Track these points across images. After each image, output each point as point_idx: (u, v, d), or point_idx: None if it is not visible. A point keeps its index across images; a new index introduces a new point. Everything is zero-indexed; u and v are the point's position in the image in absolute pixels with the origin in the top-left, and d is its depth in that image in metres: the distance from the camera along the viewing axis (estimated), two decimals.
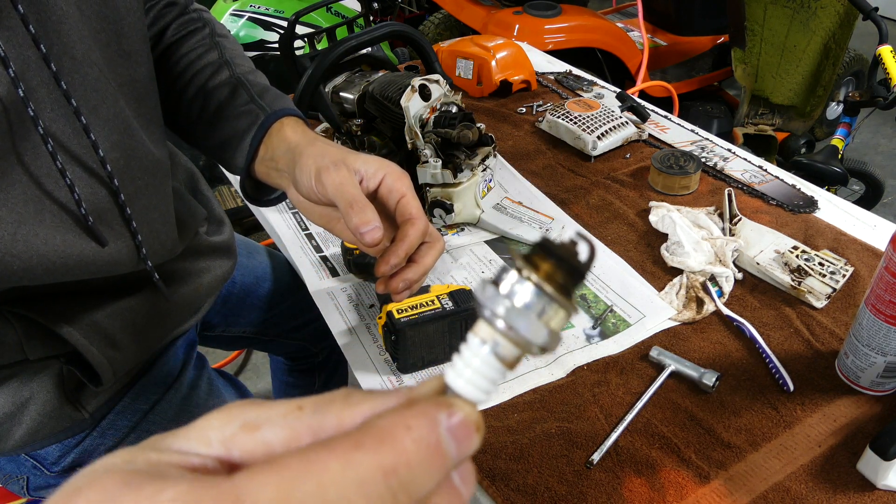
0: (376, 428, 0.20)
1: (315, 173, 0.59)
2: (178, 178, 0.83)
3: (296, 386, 1.28)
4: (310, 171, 0.59)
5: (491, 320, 0.24)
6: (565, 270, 0.23)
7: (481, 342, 0.24)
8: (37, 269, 0.52)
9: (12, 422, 0.66)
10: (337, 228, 0.65)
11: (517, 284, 0.23)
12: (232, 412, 0.22)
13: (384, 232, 0.57)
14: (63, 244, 0.53)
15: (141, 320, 0.70)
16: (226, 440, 0.22)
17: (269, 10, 2.39)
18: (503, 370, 0.24)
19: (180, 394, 0.78)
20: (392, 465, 0.20)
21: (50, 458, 0.71)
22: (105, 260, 0.57)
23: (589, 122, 1.17)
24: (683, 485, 0.64)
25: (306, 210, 0.65)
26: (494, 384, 0.24)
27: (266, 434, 0.22)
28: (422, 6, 3.61)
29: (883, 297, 0.65)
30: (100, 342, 0.65)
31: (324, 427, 0.22)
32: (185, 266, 0.77)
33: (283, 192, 0.70)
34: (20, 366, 0.65)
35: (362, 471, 0.19)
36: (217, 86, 0.72)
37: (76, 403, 0.69)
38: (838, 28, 1.99)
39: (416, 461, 0.20)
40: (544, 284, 0.23)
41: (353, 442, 0.20)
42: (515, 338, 0.23)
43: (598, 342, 0.80)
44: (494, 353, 0.24)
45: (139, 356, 0.72)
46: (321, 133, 1.07)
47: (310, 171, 0.59)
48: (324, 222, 0.65)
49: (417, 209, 0.60)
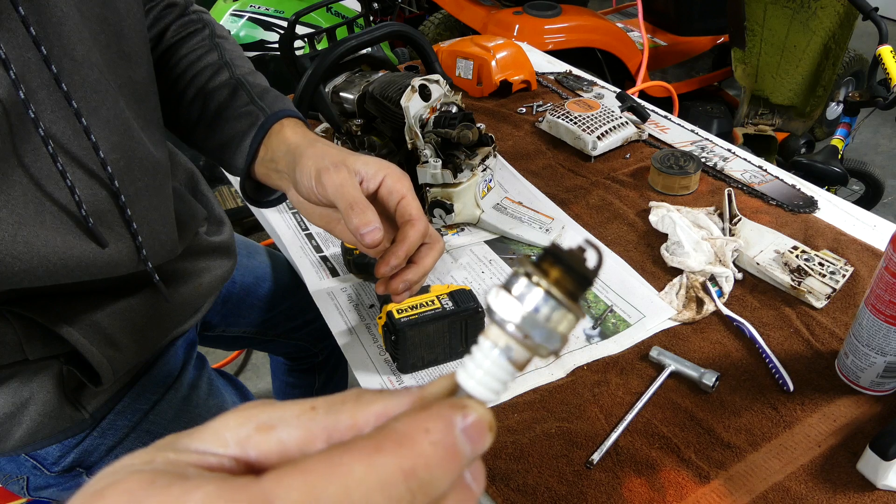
0: (395, 431, 0.21)
1: (315, 174, 0.59)
2: (178, 178, 0.83)
3: (296, 386, 1.28)
4: (310, 172, 0.60)
5: (502, 325, 0.24)
6: (574, 277, 0.24)
7: (492, 345, 0.25)
8: (37, 270, 0.52)
9: (12, 422, 0.66)
10: (337, 230, 0.65)
11: (527, 290, 0.24)
12: (247, 413, 0.23)
13: (384, 233, 0.57)
14: (63, 245, 0.53)
15: (141, 320, 0.70)
16: (241, 440, 0.22)
17: (269, 10, 2.39)
18: (514, 372, 0.25)
19: (180, 394, 0.79)
20: (412, 467, 0.20)
21: (50, 459, 0.71)
22: (105, 261, 0.57)
23: (589, 123, 1.17)
24: (683, 485, 0.64)
25: (306, 211, 0.65)
26: (505, 385, 0.25)
27: (281, 434, 0.22)
28: (422, 6, 3.61)
29: (883, 296, 0.65)
30: (100, 342, 0.65)
31: (338, 427, 0.22)
32: (185, 266, 0.77)
33: (283, 194, 0.70)
34: (20, 366, 0.65)
35: (384, 473, 0.20)
36: (217, 87, 0.72)
37: (76, 404, 0.69)
38: (838, 28, 1.99)
39: (434, 463, 0.21)
40: (553, 290, 0.24)
41: (374, 445, 0.20)
42: (528, 343, 0.24)
43: (598, 342, 0.80)
44: (507, 357, 0.25)
45: (139, 356, 0.72)
46: (321, 133, 1.07)
47: (310, 173, 0.59)
48: (324, 223, 0.65)
49: (417, 210, 0.60)
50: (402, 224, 0.60)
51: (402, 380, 0.76)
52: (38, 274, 0.52)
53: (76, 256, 0.54)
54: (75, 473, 0.73)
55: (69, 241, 0.54)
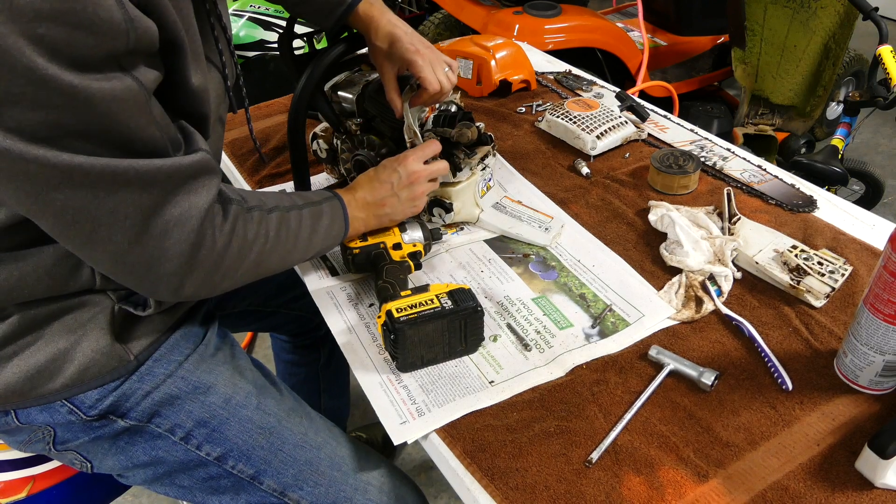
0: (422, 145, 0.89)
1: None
2: None
3: (300, 364, 1.30)
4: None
5: None
6: None
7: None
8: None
9: (65, 357, 0.70)
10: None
11: None
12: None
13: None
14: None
15: None
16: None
17: (269, 10, 2.40)
18: None
19: (209, 350, 0.82)
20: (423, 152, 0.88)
21: (88, 402, 0.73)
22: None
23: (588, 122, 1.17)
24: (682, 483, 0.64)
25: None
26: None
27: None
28: (422, 6, 3.61)
29: (881, 296, 0.65)
30: None
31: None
32: None
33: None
34: (85, 295, 0.70)
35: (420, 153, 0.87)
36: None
37: (124, 345, 0.73)
38: (838, 28, 1.98)
39: (430, 150, 0.88)
40: None
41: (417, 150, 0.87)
42: None
43: (597, 341, 0.80)
44: None
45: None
46: (321, 133, 1.08)
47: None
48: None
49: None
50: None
51: (402, 379, 0.76)
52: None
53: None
54: (107, 421, 0.75)
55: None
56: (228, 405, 0.78)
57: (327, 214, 0.80)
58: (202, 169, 0.64)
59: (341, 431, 0.87)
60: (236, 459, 0.78)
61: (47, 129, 0.52)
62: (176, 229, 0.61)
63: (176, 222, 0.61)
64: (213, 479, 0.79)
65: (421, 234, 0.90)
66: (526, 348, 0.79)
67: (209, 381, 0.78)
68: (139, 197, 0.58)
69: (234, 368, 0.83)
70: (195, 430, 0.77)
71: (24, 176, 0.53)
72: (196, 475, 0.79)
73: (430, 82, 0.87)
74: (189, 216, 0.62)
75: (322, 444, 0.82)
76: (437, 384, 0.75)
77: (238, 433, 0.78)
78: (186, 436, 0.77)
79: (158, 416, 0.76)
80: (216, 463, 0.78)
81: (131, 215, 0.59)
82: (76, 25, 0.50)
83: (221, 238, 0.66)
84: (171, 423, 0.76)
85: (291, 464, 0.79)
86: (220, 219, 0.66)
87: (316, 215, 0.78)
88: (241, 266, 0.70)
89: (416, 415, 0.72)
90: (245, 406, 0.79)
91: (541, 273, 0.91)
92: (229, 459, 0.78)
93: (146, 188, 0.59)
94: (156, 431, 0.76)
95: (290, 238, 0.75)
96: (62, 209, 0.56)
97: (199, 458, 0.77)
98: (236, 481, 0.79)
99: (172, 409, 0.76)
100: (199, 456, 0.77)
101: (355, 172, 0.97)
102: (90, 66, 0.52)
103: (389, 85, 0.90)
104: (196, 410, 0.77)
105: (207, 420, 0.77)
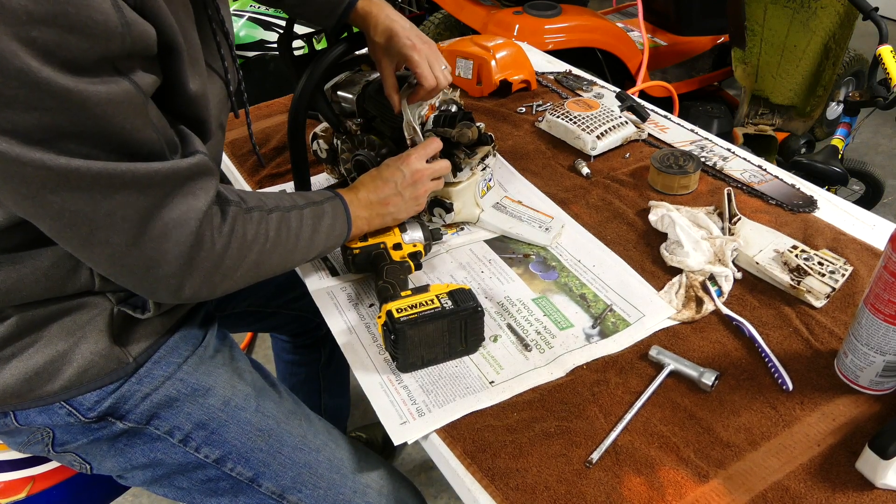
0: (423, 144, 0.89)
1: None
2: None
3: (300, 364, 1.30)
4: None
5: None
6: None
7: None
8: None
9: (63, 360, 0.70)
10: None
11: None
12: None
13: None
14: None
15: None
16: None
17: (269, 10, 2.40)
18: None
19: (208, 353, 0.82)
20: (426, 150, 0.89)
21: (87, 404, 0.73)
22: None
23: (588, 122, 1.17)
24: (682, 484, 0.64)
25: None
26: None
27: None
28: (422, 6, 3.61)
29: (882, 296, 0.65)
30: None
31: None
32: None
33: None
34: (83, 297, 0.70)
35: (422, 151, 0.88)
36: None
37: (123, 347, 0.73)
38: (838, 28, 1.98)
39: (432, 149, 0.89)
40: None
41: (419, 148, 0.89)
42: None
43: (597, 341, 0.80)
44: None
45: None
46: (321, 133, 1.08)
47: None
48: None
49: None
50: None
51: (402, 379, 0.76)
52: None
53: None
54: (106, 423, 0.75)
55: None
56: (227, 407, 0.78)
57: (329, 214, 0.80)
58: (200, 171, 0.64)
59: (340, 433, 0.87)
60: (235, 462, 0.78)
61: (42, 132, 0.52)
62: (174, 231, 0.61)
63: (174, 224, 0.61)
64: (211, 482, 0.79)
65: (421, 234, 0.90)
66: (526, 349, 0.79)
67: (208, 383, 0.78)
68: (136, 199, 0.58)
69: (233, 370, 0.82)
70: (194, 432, 0.77)
71: (20, 178, 0.53)
72: (195, 477, 0.79)
73: (425, 77, 0.87)
74: (187, 218, 0.62)
75: (321, 446, 0.82)
76: (437, 384, 0.75)
77: (237, 435, 0.78)
78: (185, 438, 0.77)
79: (157, 418, 0.76)
80: (215, 465, 0.78)
81: (129, 218, 0.59)
82: (70, 28, 0.50)
83: (220, 239, 0.66)
84: (170, 425, 0.76)
85: (290, 466, 0.79)
86: (218, 220, 0.66)
87: (317, 215, 0.78)
88: (240, 267, 0.69)
89: (416, 415, 0.72)
90: (244, 408, 0.79)
91: (541, 273, 0.91)
92: (228, 462, 0.78)
93: (143, 191, 0.59)
94: (154, 433, 0.76)
95: (290, 238, 0.74)
96: (59, 211, 0.56)
97: (197, 461, 0.77)
98: (235, 483, 0.79)
99: (171, 412, 0.76)
100: (197, 458, 0.77)
101: (356, 172, 0.97)
102: (85, 69, 0.52)
103: (388, 81, 0.90)
104: (195, 412, 0.77)
105: (206, 422, 0.77)
